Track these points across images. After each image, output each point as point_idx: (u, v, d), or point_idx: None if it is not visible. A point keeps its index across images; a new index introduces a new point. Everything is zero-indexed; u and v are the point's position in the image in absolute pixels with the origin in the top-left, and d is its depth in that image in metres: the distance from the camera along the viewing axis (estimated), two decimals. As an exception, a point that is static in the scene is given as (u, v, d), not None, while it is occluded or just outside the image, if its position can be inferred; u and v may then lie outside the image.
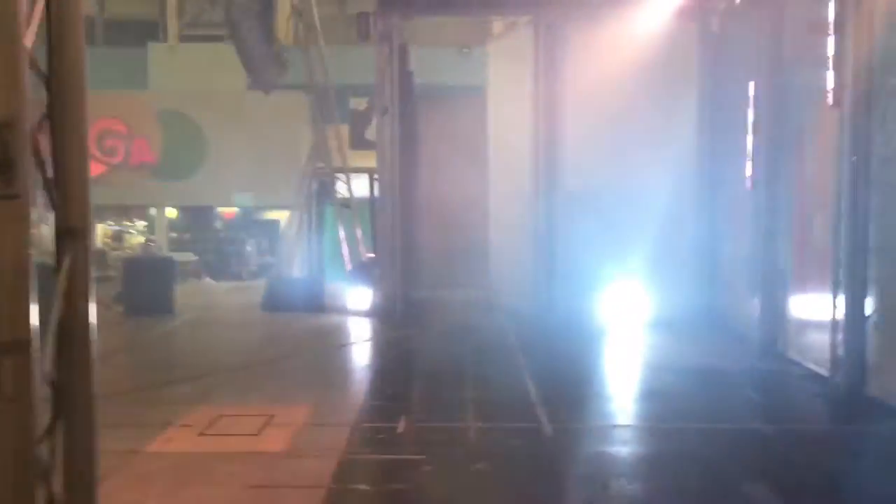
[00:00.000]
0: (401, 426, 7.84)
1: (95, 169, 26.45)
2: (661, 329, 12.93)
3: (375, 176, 14.98)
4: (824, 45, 9.48)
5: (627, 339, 12.53)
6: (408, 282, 14.59)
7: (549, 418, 8.09)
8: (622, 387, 10.21)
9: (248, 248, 27.54)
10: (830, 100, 9.25)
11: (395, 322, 13.70)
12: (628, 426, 8.22)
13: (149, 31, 27.99)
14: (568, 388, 9.57)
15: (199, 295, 18.64)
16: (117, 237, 28.46)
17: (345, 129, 21.51)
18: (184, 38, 27.55)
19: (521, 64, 14.54)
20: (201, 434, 7.65)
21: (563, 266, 13.88)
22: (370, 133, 26.88)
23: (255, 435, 7.61)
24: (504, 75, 15.70)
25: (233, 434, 7.68)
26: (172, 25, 27.52)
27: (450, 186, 18.42)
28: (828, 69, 9.31)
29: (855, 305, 9.06)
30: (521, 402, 8.83)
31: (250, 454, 7.09)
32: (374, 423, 8.10)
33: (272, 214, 27.33)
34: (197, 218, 28.66)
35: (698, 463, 7.02)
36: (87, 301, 3.49)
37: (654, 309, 13.34)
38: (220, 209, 28.64)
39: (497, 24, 16.89)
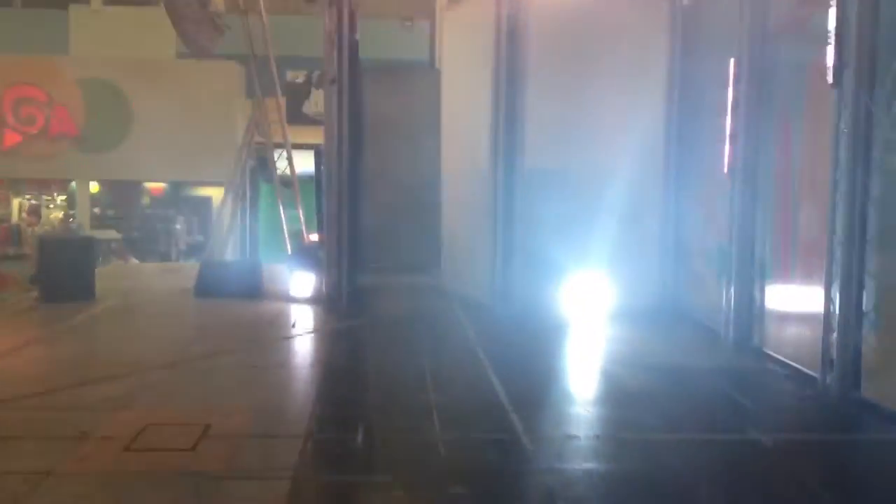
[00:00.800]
0: (360, 437, 6.87)
1: (11, 139, 24.80)
2: (625, 321, 12.15)
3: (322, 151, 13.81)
4: (819, 19, 8.72)
5: (591, 333, 11.71)
6: (354, 266, 13.51)
7: (524, 428, 7.21)
8: (594, 389, 9.37)
9: (178, 227, 26.06)
10: (830, 78, 8.48)
11: (341, 311, 12.61)
12: (611, 437, 7.36)
13: (71, -8, 26.27)
14: (536, 390, 8.67)
15: (124, 277, 17.25)
16: (34, 212, 26.70)
17: (284, 103, 20.28)
18: (108, 2, 25.95)
19: (479, 35, 13.54)
20: (126, 449, 6.52)
21: (521, 252, 12.97)
22: (308, 107, 25.74)
23: (190, 450, 6.51)
24: (460, 47, 14.67)
25: (163, 448, 6.56)
26: (97, -13, 25.87)
27: (397, 165, 17.40)
28: (826, 44, 8.54)
29: (850, 301, 8.37)
30: (489, 408, 7.91)
31: (186, 475, 6.00)
32: (328, 434, 7.08)
33: (204, 191, 25.96)
34: (121, 193, 27.08)
35: (699, 480, 6.22)
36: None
37: (617, 299, 12.56)
38: (147, 184, 27.14)
39: (441, -4, 15.92)
